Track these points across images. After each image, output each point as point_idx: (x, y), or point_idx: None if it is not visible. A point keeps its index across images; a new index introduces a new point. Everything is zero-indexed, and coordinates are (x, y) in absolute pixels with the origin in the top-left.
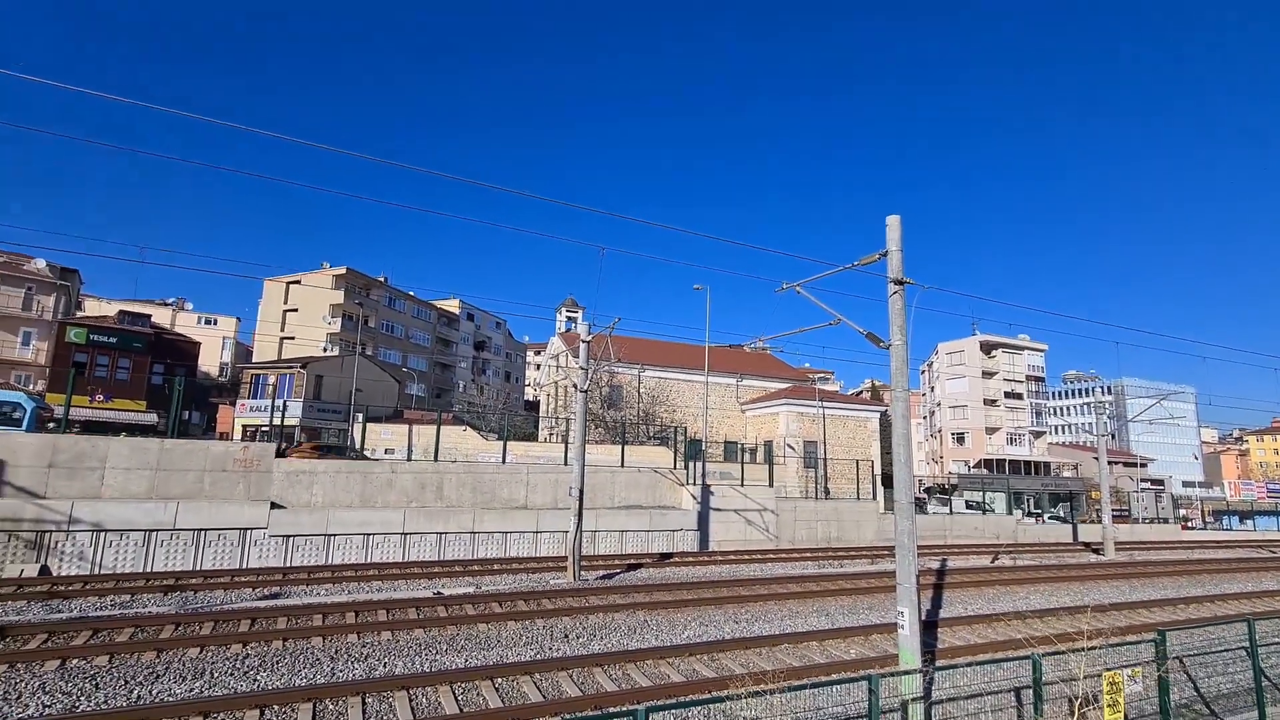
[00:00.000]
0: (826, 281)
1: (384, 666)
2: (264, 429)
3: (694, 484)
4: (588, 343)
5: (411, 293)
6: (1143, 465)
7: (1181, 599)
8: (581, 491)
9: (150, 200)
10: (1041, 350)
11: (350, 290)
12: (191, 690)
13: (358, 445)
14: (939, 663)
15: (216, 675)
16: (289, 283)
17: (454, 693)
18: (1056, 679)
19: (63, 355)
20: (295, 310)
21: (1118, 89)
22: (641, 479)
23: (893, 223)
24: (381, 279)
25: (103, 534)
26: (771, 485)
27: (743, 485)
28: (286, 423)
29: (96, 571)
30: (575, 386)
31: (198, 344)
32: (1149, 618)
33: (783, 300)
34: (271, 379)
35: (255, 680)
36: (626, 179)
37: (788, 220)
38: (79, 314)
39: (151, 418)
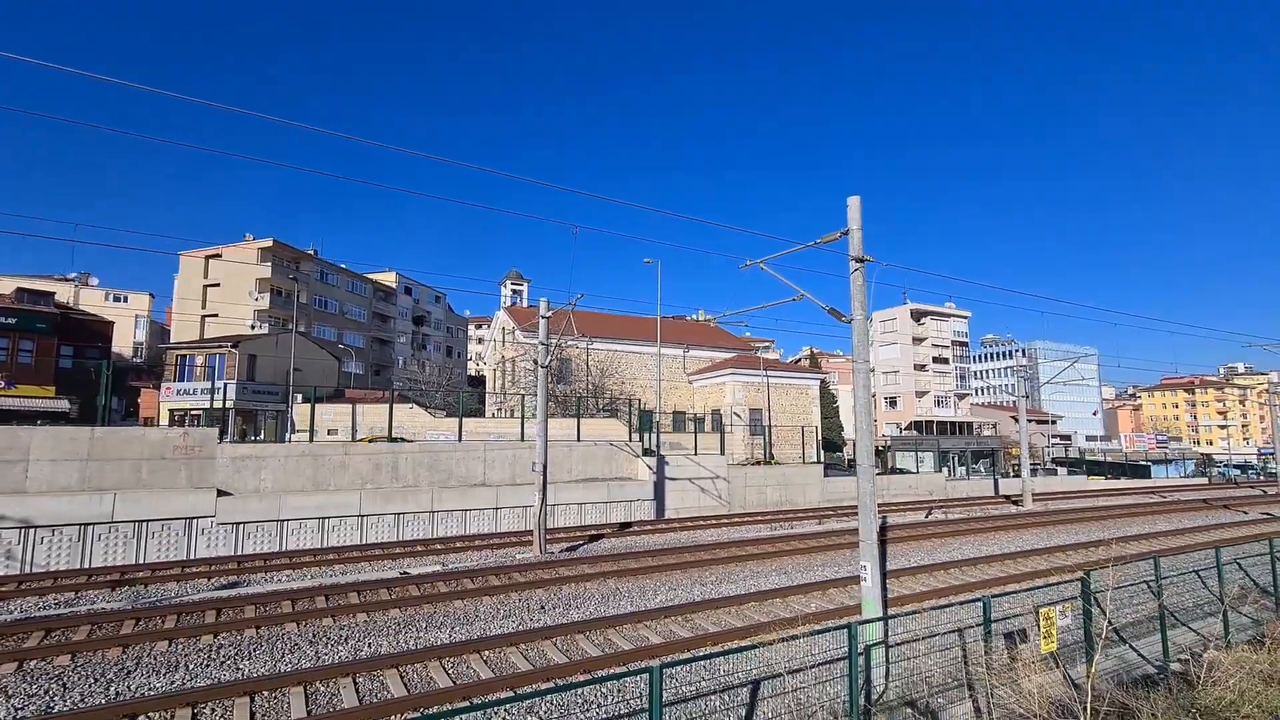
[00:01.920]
0: (786, 258)
1: (369, 647)
2: (193, 413)
3: (649, 455)
4: (547, 318)
5: (344, 265)
6: (1053, 422)
7: (1092, 542)
8: (545, 466)
9: (32, 166)
10: (966, 317)
11: (278, 264)
12: (171, 683)
13: (295, 427)
14: (892, 610)
15: (192, 667)
16: (208, 256)
17: (444, 667)
18: (998, 617)
19: None
20: (217, 285)
21: (1033, 54)
22: (598, 452)
23: (853, 203)
24: (311, 251)
25: (32, 530)
26: (723, 453)
27: (696, 454)
28: (219, 405)
29: (28, 570)
30: (536, 362)
31: (110, 323)
32: (1064, 560)
33: (741, 276)
34: (200, 360)
35: (238, 669)
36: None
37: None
38: None
39: (63, 404)
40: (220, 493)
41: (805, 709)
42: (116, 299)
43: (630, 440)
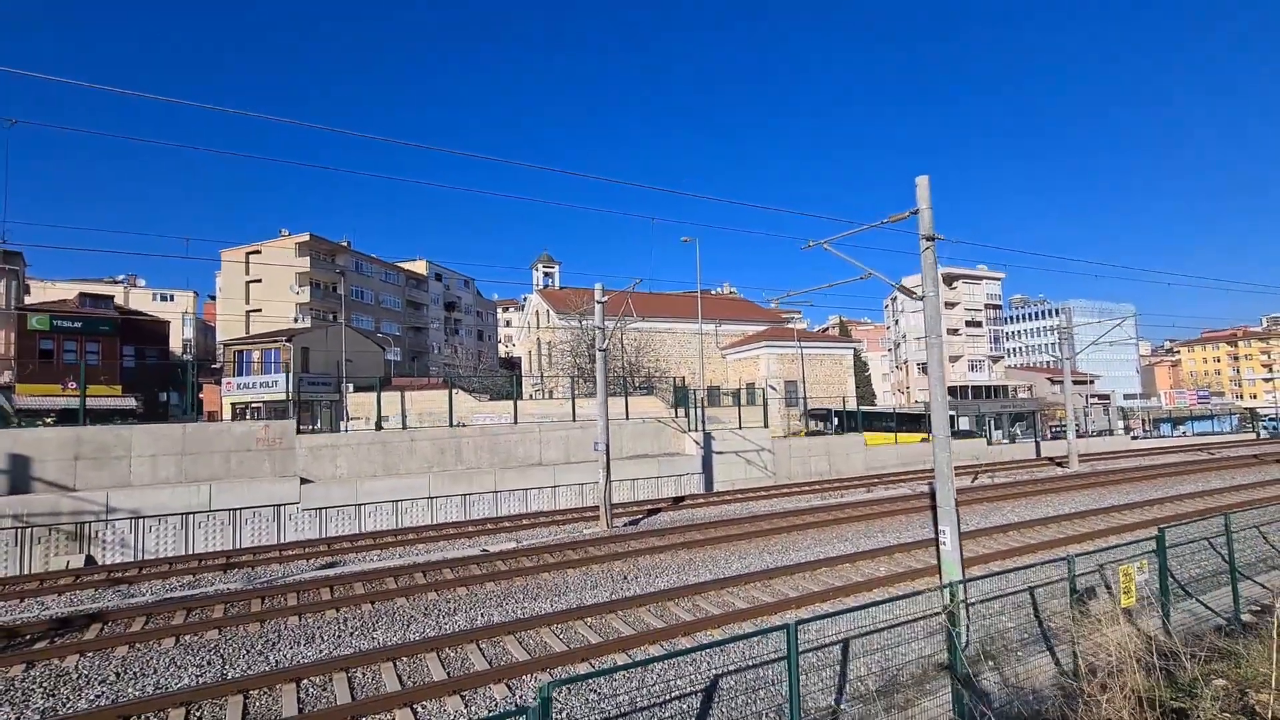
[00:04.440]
0: (847, 239)
1: (482, 617)
2: (254, 405)
3: (694, 430)
4: (603, 303)
5: (375, 256)
6: (1090, 382)
7: (1145, 501)
8: (608, 445)
9: (76, 176)
10: (999, 279)
11: (315, 257)
12: (320, 652)
13: (349, 415)
14: (973, 571)
15: (325, 638)
16: (249, 253)
17: (555, 633)
18: (1062, 576)
19: (27, 344)
20: (259, 281)
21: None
22: (646, 429)
23: (922, 183)
24: (345, 243)
25: (141, 520)
26: (766, 426)
27: (740, 428)
28: (276, 398)
29: (140, 557)
30: (594, 346)
31: (167, 323)
32: (1121, 520)
33: (801, 256)
34: (256, 355)
35: (372, 638)
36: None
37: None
38: (28, 299)
39: (130, 402)
40: (303, 480)
41: (895, 664)
42: (163, 298)
43: (675, 417)
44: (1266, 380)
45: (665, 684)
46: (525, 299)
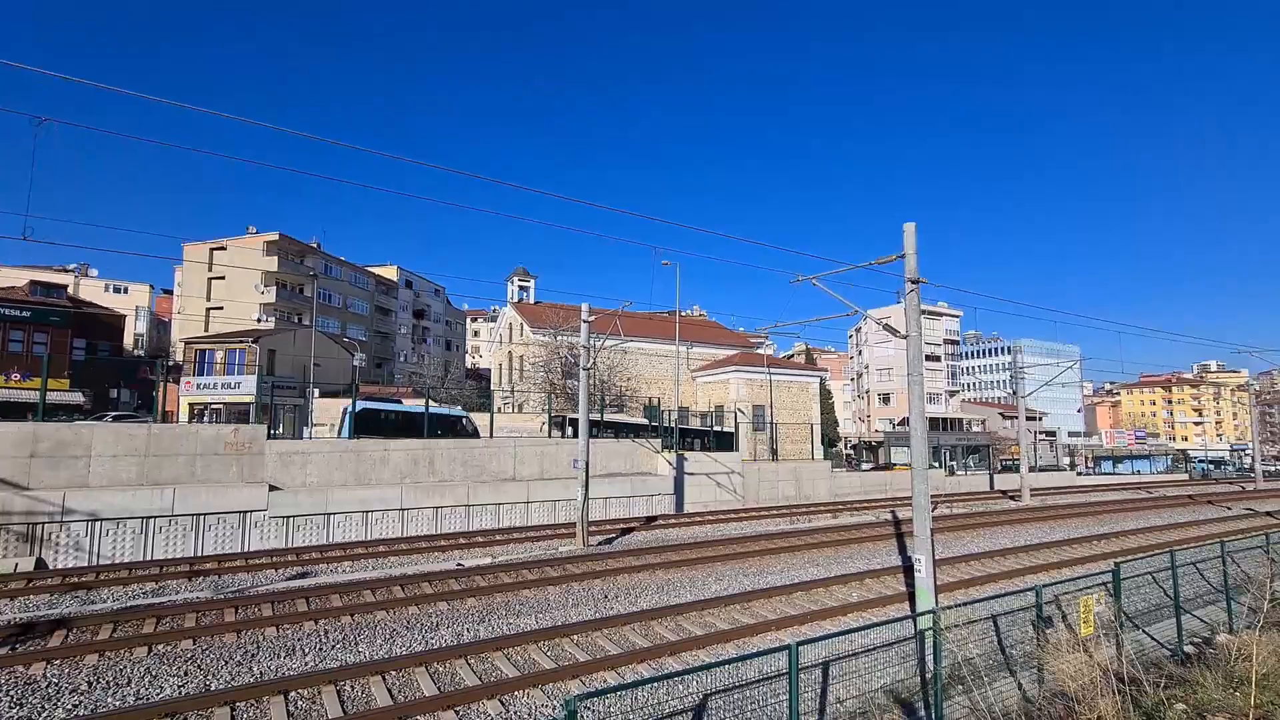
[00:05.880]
0: (834, 276)
1: (467, 632)
2: (214, 407)
3: (667, 451)
4: (590, 322)
5: (344, 258)
6: (1039, 419)
7: (1094, 536)
8: (588, 463)
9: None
10: (957, 316)
11: (284, 257)
12: (304, 664)
13: (313, 421)
14: (941, 599)
15: (308, 651)
16: (213, 248)
17: (542, 651)
18: (1025, 606)
19: None
20: (222, 279)
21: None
22: (620, 448)
23: (909, 229)
24: (315, 244)
25: (98, 523)
26: (737, 449)
27: (711, 451)
28: (238, 399)
29: (96, 562)
30: (578, 363)
31: (122, 317)
32: (1073, 554)
33: (767, 283)
34: (220, 354)
35: (357, 651)
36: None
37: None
38: None
39: (78, 397)
40: (271, 487)
41: (871, 687)
42: (117, 290)
43: (649, 437)
44: (1196, 424)
45: (658, 703)
46: (496, 310)
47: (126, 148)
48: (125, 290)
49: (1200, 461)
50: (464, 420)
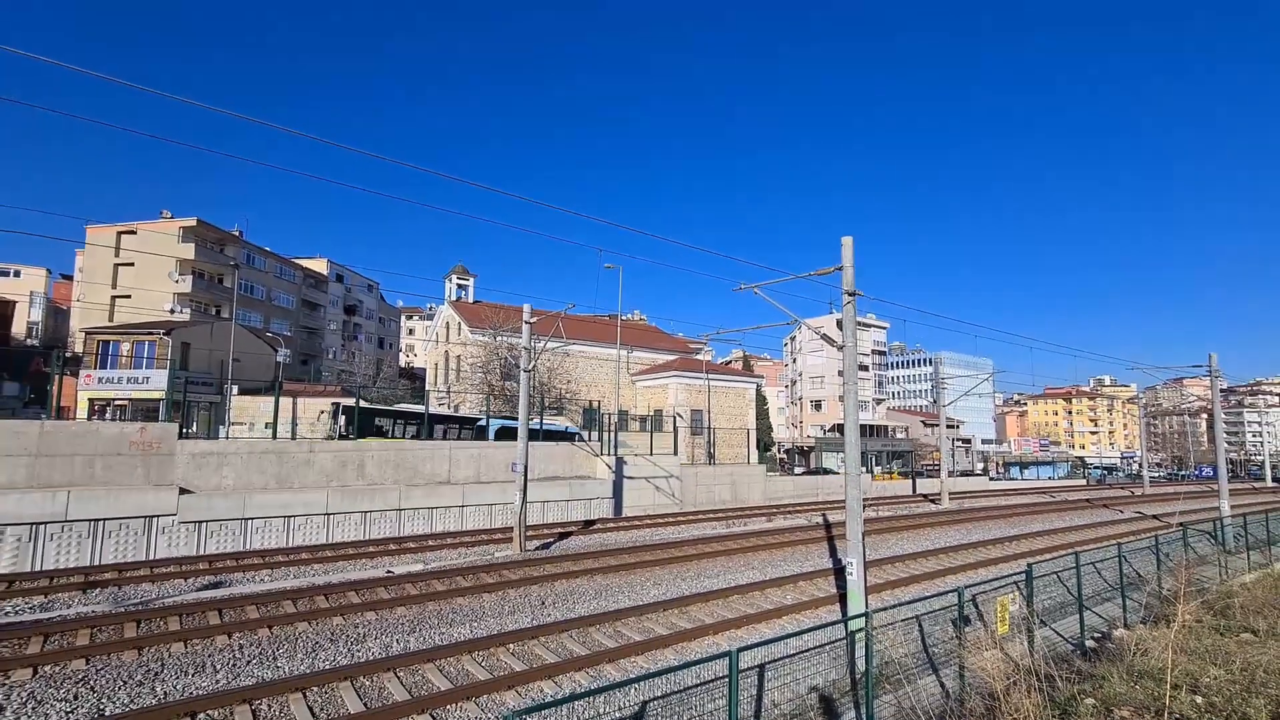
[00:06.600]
0: (770, 285)
1: (397, 644)
2: (118, 403)
3: (606, 454)
4: (532, 324)
5: (269, 249)
6: (956, 427)
7: (1007, 537)
8: (526, 467)
9: None
10: (885, 328)
11: (202, 244)
12: (215, 682)
13: (230, 420)
14: (871, 599)
15: (219, 667)
16: (121, 232)
17: (477, 661)
18: (945, 606)
19: None
20: (130, 265)
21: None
22: (559, 451)
23: (847, 243)
24: (236, 232)
25: None
26: (676, 453)
27: (651, 455)
28: (146, 395)
29: None
30: (518, 365)
31: (12, 303)
32: (988, 554)
33: (706, 289)
34: (126, 347)
35: (276, 667)
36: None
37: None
38: None
39: None
40: (182, 490)
41: (804, 689)
42: (4, 274)
43: (589, 440)
44: (1093, 433)
45: (596, 714)
46: (433, 308)
47: (14, 115)
48: (18, 274)
49: (1096, 468)
50: (577, 436)
